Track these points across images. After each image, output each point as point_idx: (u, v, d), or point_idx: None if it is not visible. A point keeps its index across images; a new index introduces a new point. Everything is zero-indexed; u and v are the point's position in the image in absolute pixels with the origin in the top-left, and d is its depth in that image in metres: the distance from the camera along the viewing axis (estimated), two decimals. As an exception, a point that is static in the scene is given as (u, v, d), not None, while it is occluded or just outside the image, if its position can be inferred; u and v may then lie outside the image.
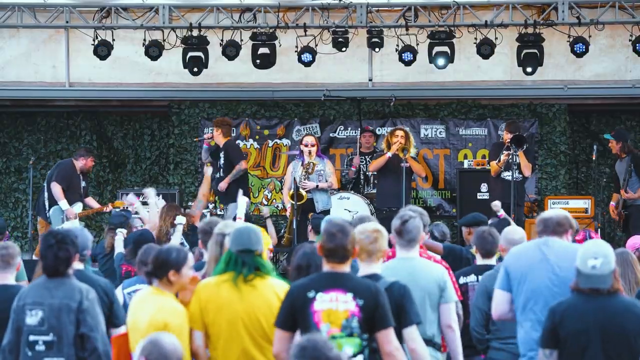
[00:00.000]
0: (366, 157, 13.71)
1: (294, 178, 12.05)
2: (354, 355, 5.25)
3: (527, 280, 6.06)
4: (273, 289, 5.68)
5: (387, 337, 5.26)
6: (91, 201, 13.28)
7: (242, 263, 5.64)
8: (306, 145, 12.11)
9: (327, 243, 5.35)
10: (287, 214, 12.24)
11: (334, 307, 5.26)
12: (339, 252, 5.34)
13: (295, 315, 5.29)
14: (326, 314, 5.26)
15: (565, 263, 5.90)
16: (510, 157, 12.26)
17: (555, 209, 6.66)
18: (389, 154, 12.37)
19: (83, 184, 13.12)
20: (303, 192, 11.95)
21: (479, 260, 7.53)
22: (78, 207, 12.87)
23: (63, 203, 12.73)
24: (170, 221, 9.56)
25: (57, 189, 12.78)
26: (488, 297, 6.83)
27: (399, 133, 12.44)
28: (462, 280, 7.39)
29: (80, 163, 13.02)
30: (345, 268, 5.38)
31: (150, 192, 10.35)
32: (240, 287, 5.62)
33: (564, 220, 6.15)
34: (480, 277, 7.24)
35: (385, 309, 5.29)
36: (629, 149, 12.82)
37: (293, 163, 12.49)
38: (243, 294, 5.61)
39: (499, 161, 12.46)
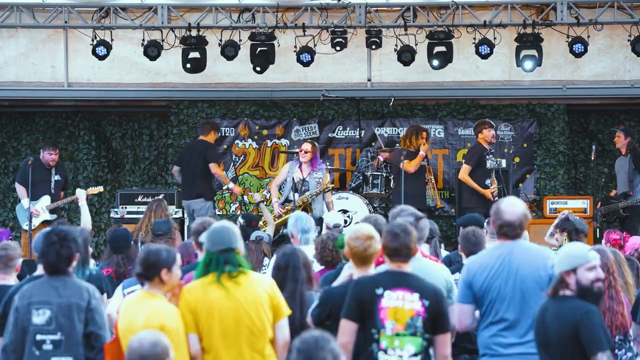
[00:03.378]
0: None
1: (292, 179, 12.33)
2: (415, 355, 5.45)
3: (492, 289, 5.81)
4: (260, 284, 5.69)
5: (446, 341, 5.52)
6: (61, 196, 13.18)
7: (225, 262, 5.61)
8: (301, 150, 12.57)
9: (391, 243, 5.56)
10: (275, 209, 12.61)
11: (400, 305, 5.46)
12: (402, 252, 5.56)
13: (363, 308, 5.46)
14: (392, 311, 5.45)
15: (527, 265, 5.80)
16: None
17: (511, 205, 5.91)
18: (423, 153, 12.83)
19: (56, 177, 13.06)
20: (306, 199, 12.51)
21: (465, 261, 7.55)
22: (44, 201, 12.84)
23: (24, 202, 12.88)
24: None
25: (17, 188, 13.09)
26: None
27: (424, 134, 12.99)
28: None
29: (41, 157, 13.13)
30: (408, 267, 5.59)
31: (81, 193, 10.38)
32: (226, 285, 5.59)
33: (524, 221, 5.86)
34: None
35: (447, 312, 5.55)
36: (633, 146, 12.86)
37: (290, 164, 12.68)
38: (230, 293, 5.59)
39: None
